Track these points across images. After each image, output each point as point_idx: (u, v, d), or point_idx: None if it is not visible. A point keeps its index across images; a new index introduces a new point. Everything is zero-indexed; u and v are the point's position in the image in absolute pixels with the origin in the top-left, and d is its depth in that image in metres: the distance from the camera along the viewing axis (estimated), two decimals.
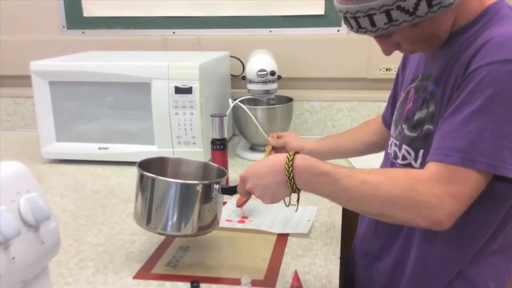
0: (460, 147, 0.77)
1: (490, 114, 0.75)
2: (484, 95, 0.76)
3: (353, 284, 1.11)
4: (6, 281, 0.64)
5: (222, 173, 1.04)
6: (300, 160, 0.85)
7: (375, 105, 1.81)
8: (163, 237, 1.10)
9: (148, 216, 0.95)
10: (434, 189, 0.77)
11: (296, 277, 0.89)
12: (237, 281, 0.89)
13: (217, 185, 0.96)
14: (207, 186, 0.95)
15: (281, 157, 0.86)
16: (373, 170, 0.87)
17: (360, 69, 1.82)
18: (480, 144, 0.76)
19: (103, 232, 1.14)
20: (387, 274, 0.99)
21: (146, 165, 0.99)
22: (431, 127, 0.88)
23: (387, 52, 0.90)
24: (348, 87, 1.87)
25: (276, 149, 1.20)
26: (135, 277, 0.95)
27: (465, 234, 0.88)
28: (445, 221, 0.77)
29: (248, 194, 0.93)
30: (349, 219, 1.25)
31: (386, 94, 1.75)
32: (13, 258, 0.65)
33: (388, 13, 0.80)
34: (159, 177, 0.94)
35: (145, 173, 0.95)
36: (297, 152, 0.87)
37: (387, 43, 0.89)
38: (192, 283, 0.91)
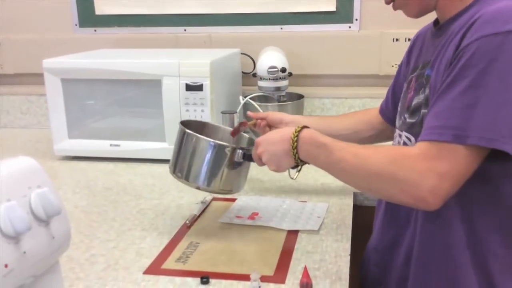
0: (454, 125, 0.76)
1: (482, 88, 0.75)
2: (476, 69, 0.75)
3: (366, 281, 1.10)
4: (17, 275, 0.64)
5: (252, 144, 1.11)
6: (305, 132, 0.91)
7: None
8: (174, 233, 1.10)
9: (179, 166, 1.07)
10: (418, 165, 0.77)
11: (305, 273, 0.89)
12: (246, 277, 0.89)
13: (241, 151, 1.04)
14: (234, 150, 1.05)
15: (292, 128, 0.92)
16: (367, 145, 0.89)
17: (372, 66, 1.81)
18: (473, 119, 0.75)
19: (114, 228, 1.14)
20: (399, 267, 0.98)
21: (186, 125, 1.10)
22: (426, 111, 0.88)
23: None
24: (359, 84, 1.86)
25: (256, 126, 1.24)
26: (145, 273, 0.95)
27: (464, 216, 0.86)
28: (429, 198, 0.77)
29: (260, 160, 0.99)
30: (361, 217, 1.24)
31: None
32: (24, 252, 0.65)
33: None
34: (192, 133, 1.06)
35: (187, 130, 1.06)
36: (306, 126, 0.92)
37: None
38: (202, 278, 0.91)
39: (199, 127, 1.18)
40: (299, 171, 0.98)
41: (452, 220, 0.87)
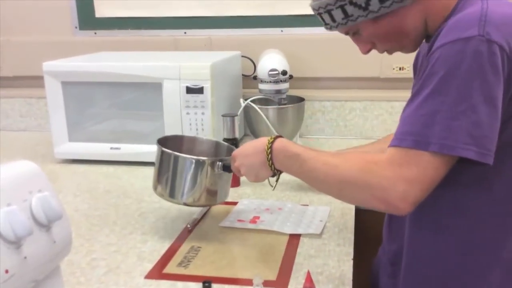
0: (415, 131, 0.77)
1: (443, 95, 0.75)
2: (437, 76, 0.76)
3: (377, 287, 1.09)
4: (18, 281, 0.64)
5: (231, 152, 1.09)
6: (278, 142, 0.92)
7: (388, 104, 1.79)
8: (175, 236, 1.10)
9: (162, 185, 1.07)
10: (386, 172, 0.78)
11: (308, 277, 0.88)
12: (249, 282, 0.88)
13: (220, 163, 1.05)
14: (213, 162, 1.05)
15: (265, 139, 0.94)
16: (337, 153, 0.89)
17: (373, 68, 1.80)
18: (434, 126, 0.75)
19: (115, 232, 1.14)
20: (400, 277, 0.97)
21: (163, 142, 1.11)
22: None
23: (363, 50, 0.94)
24: (360, 87, 1.85)
25: None
26: (146, 277, 0.94)
27: (448, 222, 0.86)
28: (400, 205, 0.77)
29: (239, 172, 1.01)
30: (363, 221, 1.23)
31: (399, 94, 1.75)
32: (25, 257, 0.65)
33: (343, 9, 0.85)
34: (169, 151, 1.06)
35: (164, 149, 1.07)
36: (280, 136, 0.94)
37: (360, 40, 0.93)
38: (204, 283, 0.90)
39: (178, 141, 1.18)
40: (277, 180, 1.00)
41: (445, 226, 0.87)
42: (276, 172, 0.95)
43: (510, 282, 0.87)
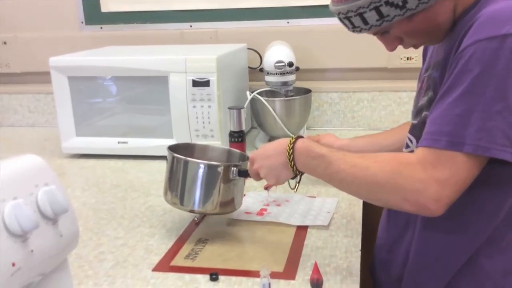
0: (448, 131, 0.75)
1: (477, 95, 0.73)
2: (471, 75, 0.74)
3: (374, 278, 1.09)
4: (25, 274, 0.64)
5: (244, 159, 1.08)
6: (300, 142, 0.89)
7: (396, 95, 1.78)
8: (182, 229, 1.10)
9: (173, 192, 1.05)
10: (419, 174, 0.76)
11: (316, 269, 0.88)
12: (256, 273, 0.88)
13: (235, 168, 1.02)
14: (227, 168, 1.02)
15: (286, 140, 0.91)
16: (365, 154, 0.87)
17: (380, 59, 1.78)
18: (468, 126, 0.73)
19: (122, 226, 1.14)
20: (399, 266, 0.97)
21: (174, 149, 1.08)
22: (428, 113, 0.86)
23: (390, 48, 0.89)
24: (368, 78, 1.84)
25: None
26: (154, 270, 0.95)
27: (467, 220, 0.85)
28: (432, 206, 0.76)
29: (257, 176, 0.97)
30: (371, 212, 1.23)
31: (407, 84, 1.74)
32: (32, 250, 0.65)
33: (378, 10, 0.79)
34: (181, 157, 1.03)
35: (175, 154, 1.04)
36: (300, 136, 0.91)
37: (388, 39, 0.88)
38: (211, 275, 0.90)
39: (189, 149, 1.16)
40: (298, 182, 0.97)
41: (458, 225, 0.86)
42: (297, 173, 0.92)
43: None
